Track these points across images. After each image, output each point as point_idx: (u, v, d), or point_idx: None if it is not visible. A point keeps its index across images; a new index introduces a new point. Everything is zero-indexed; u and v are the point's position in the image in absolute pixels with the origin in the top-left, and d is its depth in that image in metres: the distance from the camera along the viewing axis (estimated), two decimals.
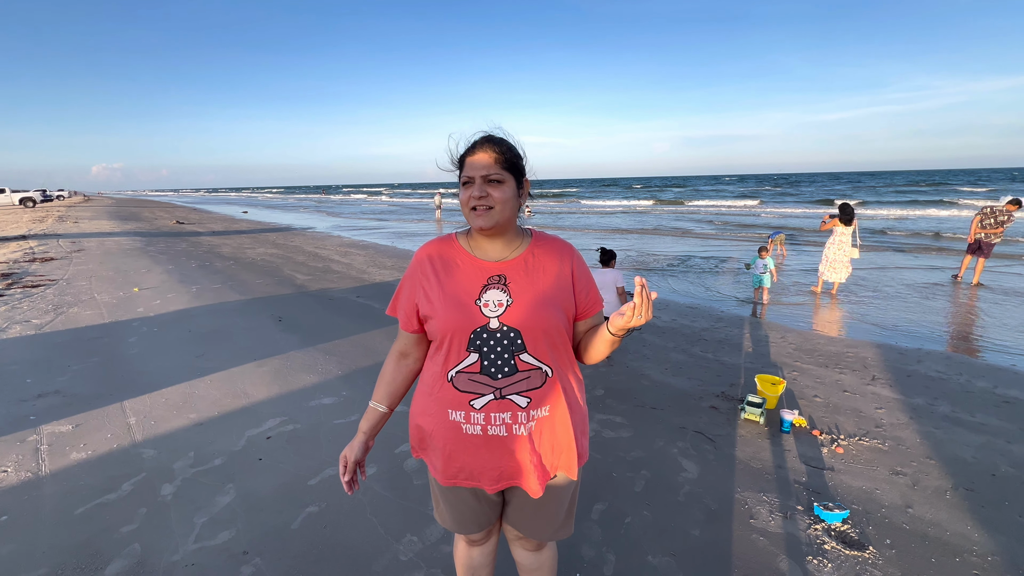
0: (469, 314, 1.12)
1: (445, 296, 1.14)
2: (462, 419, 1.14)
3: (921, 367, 4.09)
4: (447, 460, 1.19)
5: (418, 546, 2.04)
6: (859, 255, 6.80)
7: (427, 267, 1.19)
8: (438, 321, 1.14)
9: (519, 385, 1.13)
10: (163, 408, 3.32)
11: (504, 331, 1.11)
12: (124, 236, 14.93)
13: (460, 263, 1.17)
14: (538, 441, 1.17)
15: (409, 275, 1.23)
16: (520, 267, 1.16)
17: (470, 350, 1.12)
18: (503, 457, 1.16)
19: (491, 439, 1.14)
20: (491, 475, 1.18)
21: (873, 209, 24.22)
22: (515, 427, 1.14)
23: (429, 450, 1.24)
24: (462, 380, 1.14)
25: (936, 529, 2.17)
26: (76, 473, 2.57)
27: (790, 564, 1.96)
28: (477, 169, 1.10)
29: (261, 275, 8.34)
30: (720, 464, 2.68)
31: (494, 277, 1.14)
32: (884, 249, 11.23)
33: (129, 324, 5.33)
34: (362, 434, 1.29)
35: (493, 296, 1.13)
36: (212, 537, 2.10)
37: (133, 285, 7.39)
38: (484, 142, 1.13)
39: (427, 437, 1.22)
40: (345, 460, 1.27)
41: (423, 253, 1.22)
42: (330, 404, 3.39)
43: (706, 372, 4.01)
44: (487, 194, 1.09)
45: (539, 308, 1.13)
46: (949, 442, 2.91)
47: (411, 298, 1.20)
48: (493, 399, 1.13)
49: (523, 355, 1.12)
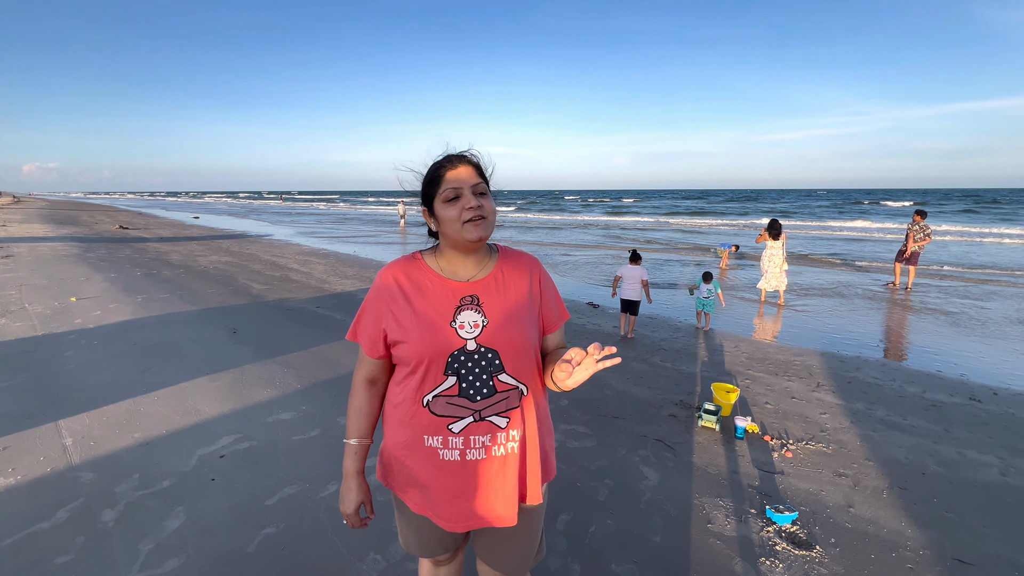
0: (445, 337, 1.09)
1: (418, 320, 1.10)
2: (439, 444, 1.11)
3: (860, 374, 4.39)
4: (423, 489, 1.15)
5: (382, 564, 2.00)
6: (787, 267, 7.26)
7: (395, 290, 1.13)
8: (412, 346, 1.09)
9: (498, 406, 1.12)
10: (104, 427, 3.11)
11: (482, 352, 1.10)
12: (59, 241, 13.90)
13: (430, 284, 1.13)
14: (514, 464, 1.15)
15: (373, 299, 1.16)
16: (491, 286, 1.15)
17: (448, 374, 1.09)
18: (480, 484, 1.13)
19: (468, 464, 1.12)
20: (459, 515, 1.14)
21: (812, 221, 25.85)
22: (494, 448, 1.12)
23: (402, 479, 1.18)
24: (439, 404, 1.10)
25: (875, 527, 2.32)
26: (3, 501, 2.36)
27: (744, 566, 2.05)
28: (464, 181, 1.09)
29: (214, 284, 7.96)
30: (679, 471, 2.77)
31: (466, 298, 1.12)
32: (825, 260, 11.99)
33: (65, 337, 4.96)
34: (356, 476, 1.21)
35: (468, 317, 1.11)
36: (159, 565, 1.98)
37: (70, 295, 6.89)
38: (463, 158, 1.13)
39: (400, 466, 1.17)
40: (348, 517, 1.20)
41: (388, 276, 1.15)
42: (288, 419, 3.27)
43: (665, 381, 4.15)
44: (481, 204, 1.08)
45: (515, 327, 1.13)
46: (885, 444, 3.13)
47: (377, 323, 1.14)
48: (472, 421, 1.11)
49: (501, 375, 1.11)
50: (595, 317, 6.33)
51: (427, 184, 1.14)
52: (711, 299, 5.71)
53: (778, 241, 7.21)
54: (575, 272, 10.14)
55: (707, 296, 5.71)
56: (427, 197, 1.15)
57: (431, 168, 1.14)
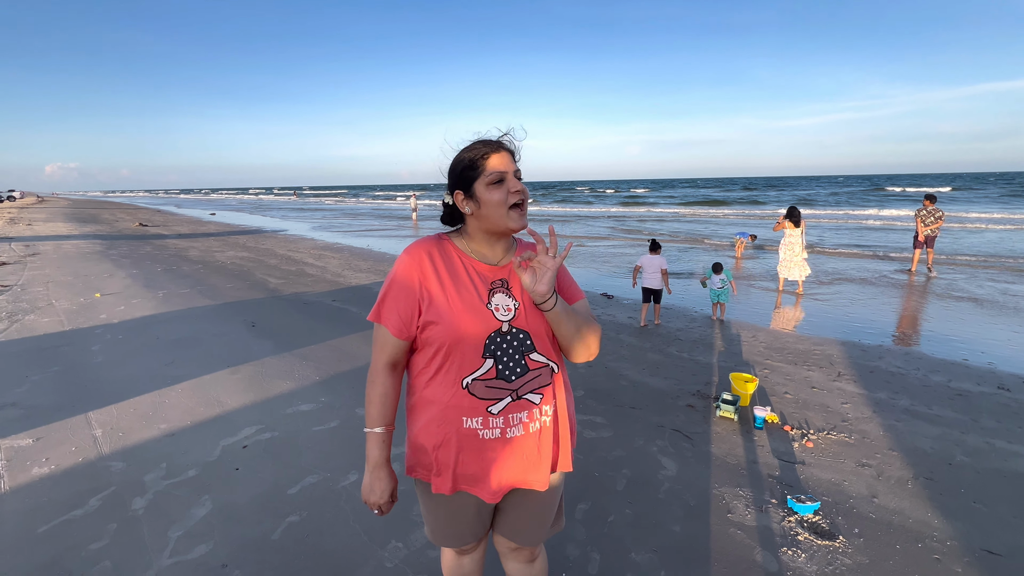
0: (484, 319, 1.10)
1: (456, 301, 1.10)
2: (479, 425, 1.12)
3: (882, 363, 4.30)
4: (459, 466, 1.15)
5: (403, 552, 2.03)
6: (806, 255, 7.10)
7: (428, 268, 1.11)
8: (446, 327, 1.08)
9: (532, 384, 1.14)
10: (131, 419, 3.19)
11: (514, 333, 1.12)
12: (83, 239, 14.26)
13: (462, 266, 1.14)
14: (549, 435, 1.19)
15: (404, 275, 1.12)
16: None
17: (485, 356, 1.10)
18: (518, 458, 1.16)
19: (509, 441, 1.14)
20: (497, 481, 1.16)
21: (831, 209, 25.27)
22: (531, 425, 1.15)
23: (433, 465, 1.17)
24: (479, 387, 1.11)
25: (899, 517, 2.28)
26: (39, 489, 2.45)
27: (765, 556, 2.03)
28: (508, 165, 1.10)
29: (232, 279, 8.10)
30: (698, 461, 2.76)
31: (497, 282, 1.15)
32: (842, 248, 11.73)
33: (91, 331, 5.10)
34: (385, 465, 1.20)
35: (501, 300, 1.13)
36: (188, 551, 2.03)
37: (94, 290, 7.07)
38: (502, 145, 1.13)
39: (434, 452, 1.15)
40: (377, 507, 1.21)
41: (421, 251, 1.14)
42: (308, 411, 3.33)
43: (682, 371, 4.11)
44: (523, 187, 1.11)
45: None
46: (909, 434, 3.07)
47: (408, 302, 1.11)
48: (511, 401, 1.13)
49: (533, 354, 1.14)
50: (609, 308, 6.30)
51: (467, 168, 1.12)
52: (725, 289, 5.66)
53: (797, 229, 7.07)
54: (589, 263, 10.09)
55: (720, 286, 5.66)
56: (466, 180, 1.12)
57: (468, 154, 1.12)
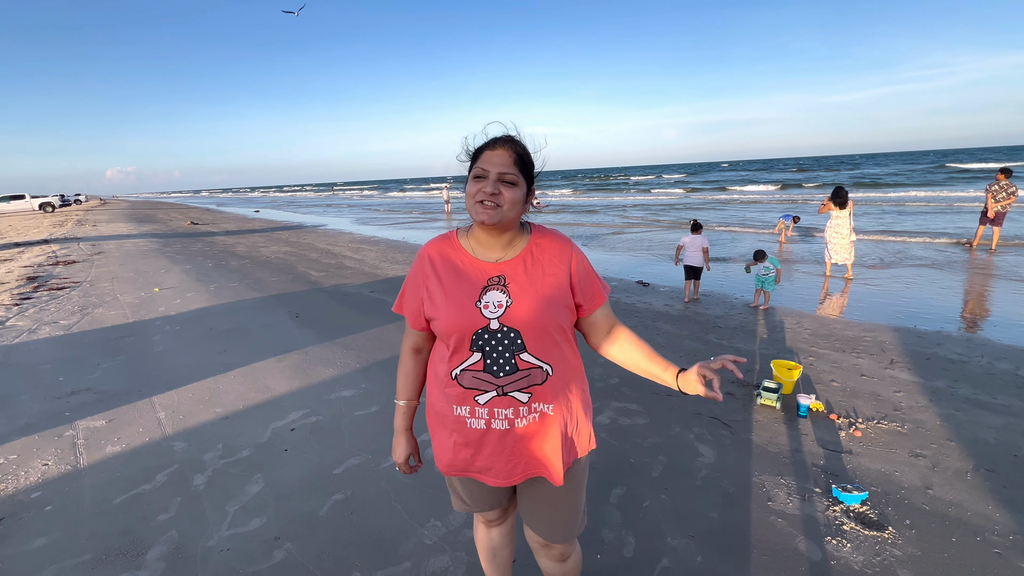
0: (470, 316, 1.14)
1: (447, 298, 1.16)
2: (467, 414, 1.19)
3: (940, 350, 4.05)
4: (453, 451, 1.23)
5: (442, 530, 2.10)
6: (855, 237, 6.70)
7: (428, 268, 1.21)
8: (441, 322, 1.17)
9: (520, 383, 1.16)
10: (190, 403, 3.42)
11: (504, 331, 1.14)
12: (141, 238, 15.23)
13: (460, 263, 1.19)
14: (536, 435, 1.19)
15: (413, 275, 1.24)
16: (519, 267, 1.17)
17: (473, 350, 1.15)
18: (503, 450, 1.20)
19: (492, 432, 1.18)
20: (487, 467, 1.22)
21: (882, 192, 23.75)
22: (517, 421, 1.17)
23: (439, 435, 1.28)
24: (467, 377, 1.17)
25: (957, 509, 2.17)
26: (112, 465, 2.68)
27: (808, 544, 1.98)
28: (494, 165, 1.10)
29: (276, 272, 8.47)
30: (737, 449, 2.70)
31: (493, 278, 1.16)
32: (895, 230, 11.03)
33: (152, 323, 5.47)
34: (405, 432, 1.37)
35: (493, 297, 1.15)
36: (244, 524, 2.18)
37: (153, 285, 7.56)
38: (505, 140, 1.14)
39: (440, 428, 1.27)
40: (399, 466, 1.38)
41: (424, 253, 1.23)
42: (350, 396, 3.46)
43: None
44: (499, 192, 1.09)
45: (538, 309, 1.14)
46: (970, 424, 2.89)
47: (416, 298, 1.23)
48: (496, 395, 1.16)
49: (523, 354, 1.14)
50: (645, 296, 6.20)
51: (472, 158, 1.18)
52: (770, 276, 5.42)
53: (844, 211, 6.69)
54: (625, 251, 9.93)
55: (764, 273, 5.42)
56: (469, 170, 1.18)
57: (479, 144, 1.17)
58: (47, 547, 2.07)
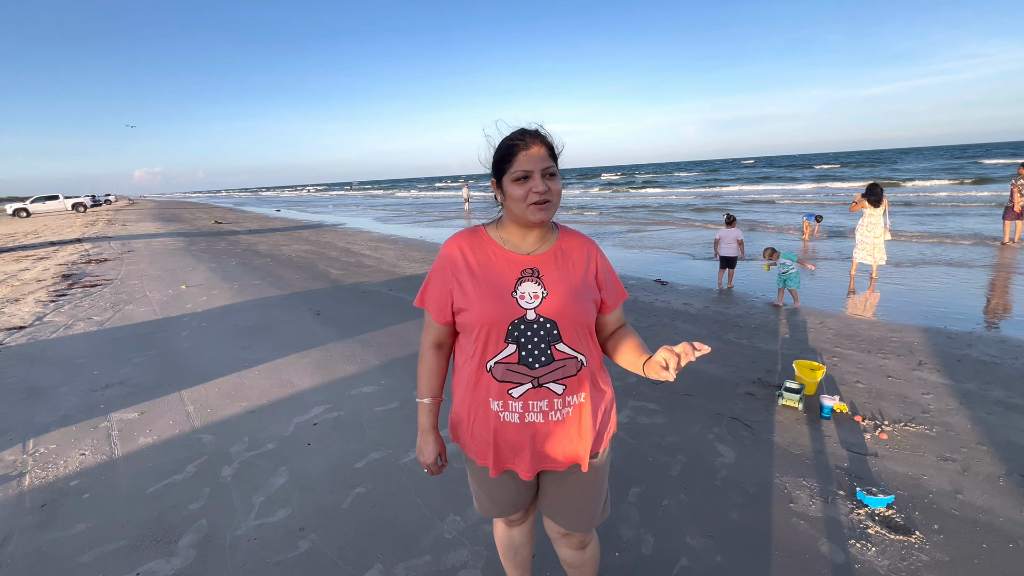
0: (507, 306, 1.14)
1: (481, 289, 1.16)
2: (500, 407, 1.18)
3: (972, 351, 3.93)
4: (487, 446, 1.23)
5: (461, 525, 2.13)
6: (890, 237, 6.47)
7: (459, 260, 1.19)
8: (474, 313, 1.15)
9: (555, 373, 1.16)
10: (217, 397, 3.53)
11: (540, 322, 1.15)
12: (168, 237, 15.68)
13: (493, 255, 1.19)
14: (571, 426, 1.20)
15: (440, 267, 1.22)
16: (551, 260, 1.19)
17: (508, 341, 1.15)
18: (537, 443, 1.20)
19: (527, 426, 1.18)
20: (526, 459, 1.22)
21: (909, 188, 23.00)
22: (551, 414, 1.18)
23: (468, 438, 1.27)
24: (500, 370, 1.16)
25: (987, 515, 2.11)
26: (145, 456, 2.78)
27: (832, 547, 1.95)
28: (536, 163, 1.11)
29: (297, 271, 8.64)
30: (758, 449, 2.67)
31: (527, 270, 1.17)
32: (922, 229, 10.68)
33: (180, 319, 5.64)
34: (432, 431, 1.32)
35: (528, 288, 1.16)
36: (270, 515, 2.24)
37: (180, 283, 7.79)
38: (537, 136, 1.14)
39: (467, 426, 1.25)
40: (428, 467, 1.33)
41: (454, 245, 1.22)
42: (370, 392, 3.53)
43: (741, 359, 3.96)
44: (548, 188, 1.11)
45: (573, 300, 1.16)
46: (1003, 428, 2.80)
47: (443, 291, 1.21)
48: (531, 387, 1.16)
49: (559, 345, 1.16)
50: (663, 294, 6.14)
51: (499, 159, 1.17)
52: (791, 272, 5.26)
53: (879, 208, 6.45)
54: (641, 250, 9.85)
55: (785, 271, 5.26)
56: (499, 171, 1.17)
57: (505, 143, 1.16)
58: (86, 533, 2.16)
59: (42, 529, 2.20)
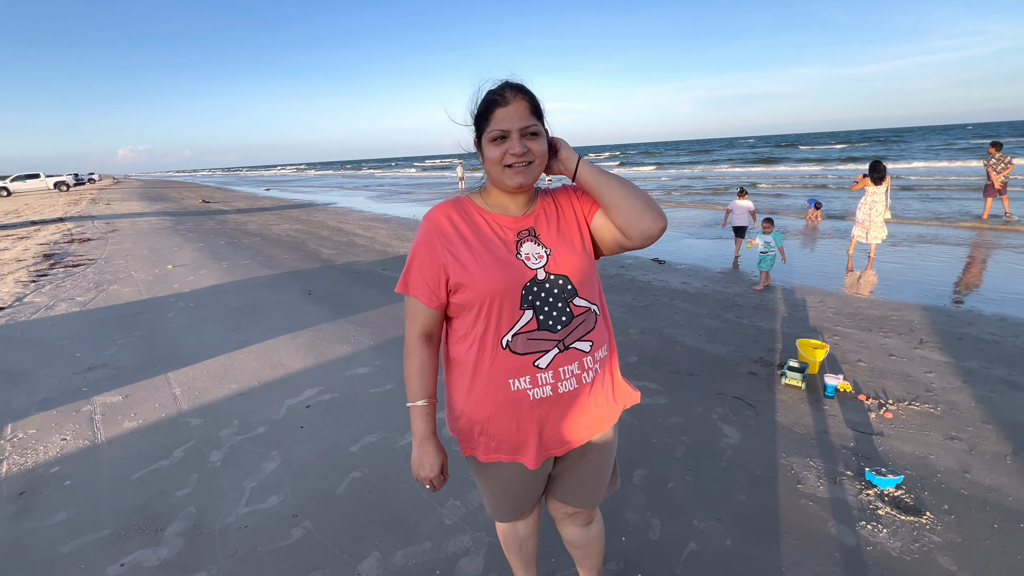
0: (516, 270, 1.05)
1: (482, 257, 1.05)
2: (528, 384, 1.06)
3: (973, 329, 3.90)
4: (514, 434, 1.10)
5: (461, 510, 2.06)
6: (890, 216, 6.41)
7: (449, 231, 1.07)
8: (479, 286, 1.04)
9: (579, 331, 1.09)
10: (205, 379, 3.41)
11: (553, 279, 1.07)
12: (154, 216, 15.30)
13: (483, 222, 1.10)
14: (602, 383, 1.15)
15: (425, 241, 1.08)
16: (543, 217, 1.13)
17: (524, 308, 1.05)
18: (574, 415, 1.12)
19: (562, 397, 1.09)
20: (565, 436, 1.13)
21: (905, 163, 22.96)
22: (584, 376, 1.10)
23: (486, 439, 1.13)
24: (520, 342, 1.05)
25: (997, 495, 2.07)
26: (130, 441, 2.68)
27: (841, 529, 1.91)
28: (514, 121, 1.00)
29: (288, 250, 8.44)
30: (762, 430, 2.62)
31: (523, 231, 1.10)
32: (918, 208, 10.65)
33: (166, 300, 5.48)
34: (432, 438, 1.15)
35: (530, 249, 1.08)
36: (262, 501, 2.16)
37: (167, 263, 7.58)
38: (516, 90, 1.02)
39: (483, 426, 1.11)
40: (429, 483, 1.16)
41: (439, 215, 1.10)
42: (365, 374, 3.43)
43: (742, 338, 3.90)
44: (528, 149, 1.02)
45: (580, 250, 1.11)
46: (1007, 406, 2.77)
47: (434, 269, 1.07)
48: (558, 352, 1.07)
49: (576, 299, 1.09)
50: (661, 273, 6.06)
51: (478, 117, 1.06)
52: (770, 254, 5.12)
53: (881, 187, 6.36)
54: None
55: (764, 251, 5.13)
56: (478, 130, 1.07)
57: (483, 99, 1.05)
58: (67, 522, 2.07)
59: (20, 518, 2.10)
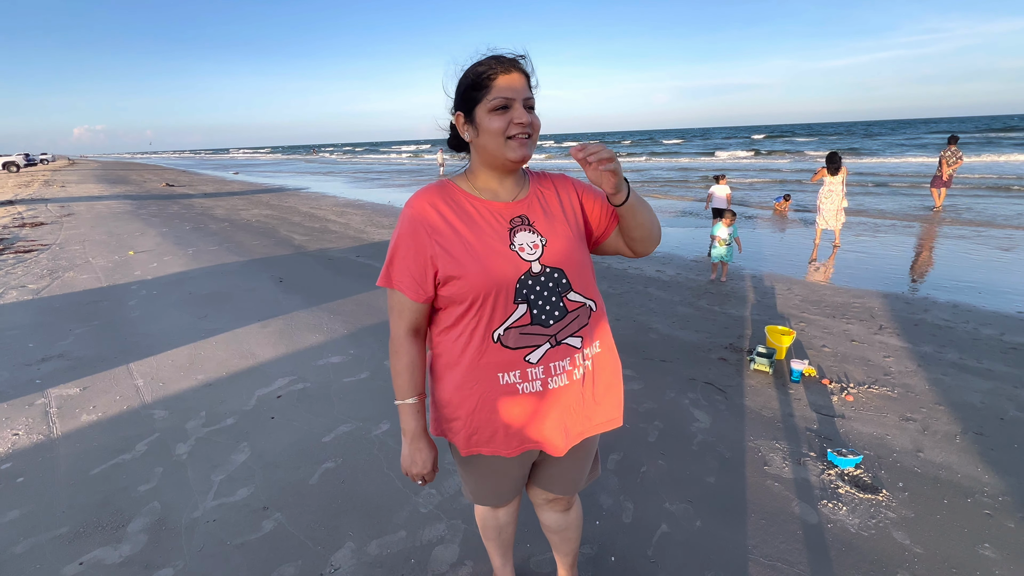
0: (511, 262, 1.00)
1: (474, 248, 0.99)
2: (517, 379, 1.04)
3: (928, 316, 4.08)
4: (505, 428, 1.07)
5: (437, 498, 2.06)
6: (847, 204, 6.66)
7: (436, 220, 1.00)
8: (471, 279, 0.98)
9: (571, 326, 1.06)
10: (170, 369, 3.29)
11: (548, 273, 1.03)
12: (114, 199, 14.57)
13: (473, 209, 1.03)
14: (593, 379, 1.13)
15: (410, 232, 1.01)
16: (536, 205, 1.07)
17: (518, 301, 1.01)
18: (562, 411, 1.09)
19: (551, 393, 1.06)
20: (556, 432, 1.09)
21: (871, 158, 23.78)
22: (575, 372, 1.08)
23: (468, 429, 1.09)
24: (512, 336, 1.02)
25: (947, 472, 2.19)
26: (88, 434, 2.57)
27: (804, 508, 1.99)
28: (517, 92, 0.95)
29: (257, 236, 8.18)
30: (732, 414, 2.69)
31: (516, 219, 1.04)
32: (874, 201, 11.06)
33: (127, 287, 5.24)
34: (424, 435, 1.12)
35: (525, 239, 1.02)
36: (231, 494, 2.11)
37: (128, 248, 7.25)
38: (516, 63, 0.98)
39: (471, 417, 1.08)
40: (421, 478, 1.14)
41: (423, 202, 1.02)
42: (338, 362, 3.37)
43: (713, 325, 3.99)
44: (531, 120, 0.97)
45: (575, 241, 1.07)
46: (957, 388, 2.92)
47: (420, 260, 1.01)
48: (549, 348, 1.04)
49: (570, 294, 1.06)
50: (635, 261, 6.13)
51: (471, 87, 0.98)
52: (728, 246, 5.08)
53: (837, 177, 6.61)
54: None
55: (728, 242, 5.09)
56: (469, 101, 0.99)
57: (477, 68, 0.97)
58: (20, 520, 1.97)
59: None
